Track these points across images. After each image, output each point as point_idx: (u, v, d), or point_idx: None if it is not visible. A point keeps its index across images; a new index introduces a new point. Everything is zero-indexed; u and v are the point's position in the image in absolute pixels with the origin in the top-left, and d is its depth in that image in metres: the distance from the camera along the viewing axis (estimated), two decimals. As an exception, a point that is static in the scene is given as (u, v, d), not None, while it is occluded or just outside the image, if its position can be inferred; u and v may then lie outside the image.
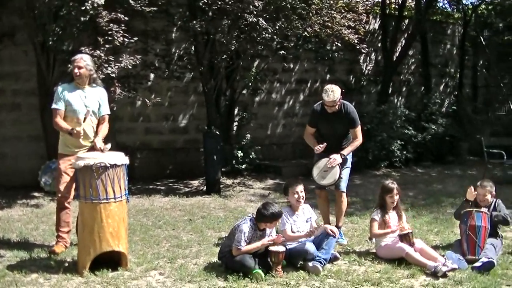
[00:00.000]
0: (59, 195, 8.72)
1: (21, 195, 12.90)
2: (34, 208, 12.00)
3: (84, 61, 8.70)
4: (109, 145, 8.46)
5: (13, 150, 14.35)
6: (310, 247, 8.15)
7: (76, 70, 8.61)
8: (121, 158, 7.82)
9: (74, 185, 8.60)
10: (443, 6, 23.17)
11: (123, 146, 8.38)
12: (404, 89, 21.88)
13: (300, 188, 8.61)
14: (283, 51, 15.09)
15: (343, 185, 9.65)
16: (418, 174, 17.68)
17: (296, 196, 8.58)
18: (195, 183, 15.28)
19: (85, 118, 8.58)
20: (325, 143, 9.43)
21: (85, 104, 8.61)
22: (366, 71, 20.76)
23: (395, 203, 8.96)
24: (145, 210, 11.90)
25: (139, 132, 15.95)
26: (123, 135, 8.53)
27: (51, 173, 13.34)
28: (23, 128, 14.43)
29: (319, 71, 19.41)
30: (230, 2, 13.15)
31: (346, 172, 9.62)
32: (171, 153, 16.32)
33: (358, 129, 9.68)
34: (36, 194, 13.14)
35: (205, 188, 14.27)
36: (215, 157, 14.02)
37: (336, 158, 9.33)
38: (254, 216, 8.16)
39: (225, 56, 14.05)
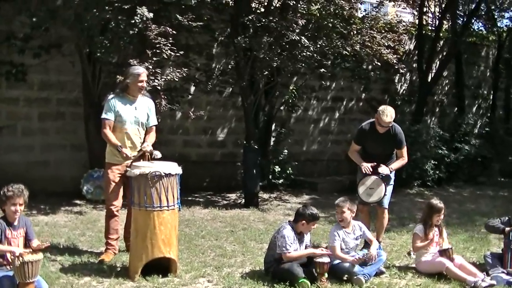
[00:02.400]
0: (108, 203, 8.92)
1: (64, 202, 13.11)
2: (78, 215, 12.24)
3: (146, 75, 8.95)
4: (159, 153, 8.67)
5: (56, 158, 14.59)
6: (355, 268, 8.34)
7: (144, 84, 8.86)
8: (175, 168, 8.05)
9: (122, 193, 8.87)
10: (479, 28, 23.25)
11: (162, 158, 8.57)
12: (437, 109, 21.98)
13: (343, 208, 8.71)
14: (322, 69, 15.22)
15: (386, 202, 9.83)
16: (450, 193, 17.75)
17: (338, 215, 8.75)
18: (233, 196, 15.46)
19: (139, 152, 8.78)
20: (375, 163, 9.59)
21: (135, 115, 8.81)
22: (401, 90, 20.91)
23: (440, 221, 9.11)
24: (187, 220, 12.08)
25: (178, 145, 16.22)
26: (162, 147, 8.73)
27: (93, 181, 13.59)
28: (66, 136, 14.68)
29: (355, 89, 19.58)
30: (274, 20, 13.36)
31: (389, 190, 9.78)
32: (209, 166, 16.54)
33: (405, 150, 9.89)
34: (78, 201, 13.37)
35: (243, 201, 14.46)
36: (254, 171, 14.23)
37: (384, 169, 9.51)
38: (291, 221, 8.38)
39: (266, 72, 14.21)
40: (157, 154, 8.63)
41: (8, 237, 6.99)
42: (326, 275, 8.09)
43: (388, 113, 9.44)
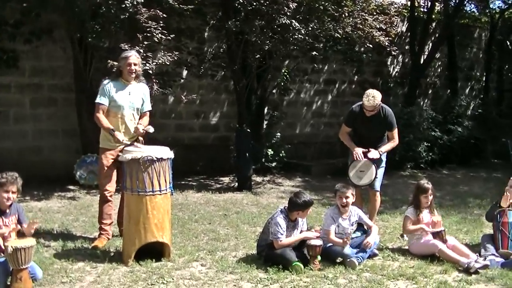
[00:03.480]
0: (102, 188, 8.91)
1: (57, 187, 13.12)
2: (72, 200, 12.24)
3: (137, 58, 8.89)
4: (151, 128, 8.72)
5: (49, 144, 14.63)
6: (348, 250, 8.33)
7: (132, 67, 8.74)
8: (167, 152, 8.03)
9: (115, 178, 8.88)
10: (471, 10, 23.26)
11: (154, 142, 8.60)
12: (430, 91, 22.07)
13: (347, 193, 8.69)
14: (314, 52, 15.20)
15: (378, 185, 9.84)
16: (443, 175, 17.83)
17: (342, 200, 8.70)
18: (226, 179, 15.50)
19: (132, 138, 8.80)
20: (366, 149, 9.61)
21: (130, 100, 8.78)
22: (394, 73, 20.93)
23: (429, 202, 9.13)
24: (180, 204, 12.10)
25: (170, 129, 16.26)
26: (155, 131, 8.75)
27: (86, 167, 13.59)
28: (59, 122, 14.70)
29: (347, 72, 19.62)
30: (265, 3, 13.32)
31: (380, 172, 9.79)
32: (202, 150, 16.56)
33: (395, 132, 9.87)
34: (71, 187, 13.36)
35: (236, 185, 14.48)
36: (247, 155, 14.25)
37: (374, 153, 9.52)
38: (286, 207, 8.36)
39: (258, 55, 14.21)
40: (150, 128, 8.67)
41: (0, 225, 7.00)
42: (319, 257, 8.09)
43: (371, 97, 9.40)
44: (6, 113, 14.22)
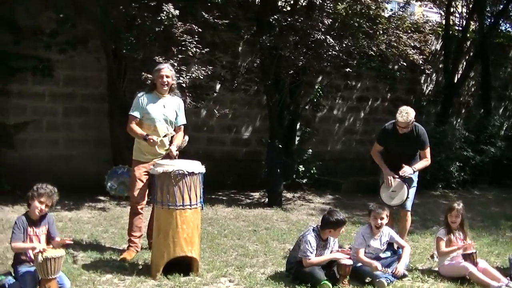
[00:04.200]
0: (133, 200, 8.93)
1: (87, 197, 13.13)
2: (102, 211, 12.30)
3: (170, 70, 8.92)
4: (186, 138, 8.92)
5: (80, 153, 14.66)
6: (378, 271, 8.28)
7: (164, 79, 8.77)
8: (198, 167, 8.04)
9: (147, 191, 8.89)
10: (506, 29, 23.09)
11: (186, 155, 8.63)
12: (463, 110, 21.87)
13: (382, 214, 8.67)
14: (347, 69, 15.16)
15: (409, 205, 9.76)
16: (475, 196, 17.66)
17: (377, 221, 8.66)
18: (256, 195, 15.44)
19: (166, 136, 8.83)
20: (397, 176, 9.56)
21: (164, 113, 8.80)
22: (427, 91, 20.83)
23: (456, 223, 9.03)
24: (210, 219, 12.06)
25: (202, 142, 16.25)
26: (186, 144, 8.78)
27: (117, 178, 13.55)
28: (90, 132, 14.76)
29: (380, 89, 19.52)
30: (299, 19, 13.33)
31: (412, 192, 9.72)
32: (233, 164, 16.53)
33: (428, 151, 9.81)
34: (101, 197, 13.37)
35: (266, 200, 14.44)
36: (278, 170, 14.21)
37: (408, 170, 9.46)
38: (318, 226, 8.31)
39: (291, 71, 14.19)
40: (185, 141, 8.96)
41: (30, 235, 7.02)
42: (348, 277, 8.06)
43: (404, 113, 9.37)
44: (39, 121, 14.29)
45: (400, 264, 8.45)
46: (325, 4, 13.81)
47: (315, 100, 16.95)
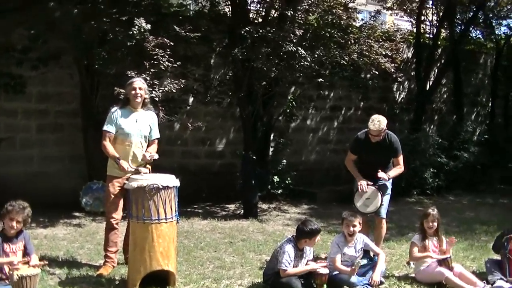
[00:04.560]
0: (108, 216, 8.90)
1: (63, 214, 13.07)
2: (77, 228, 12.23)
3: (143, 83, 8.94)
4: (156, 155, 8.79)
5: (54, 170, 14.53)
6: (354, 278, 8.34)
7: (137, 91, 8.79)
8: (173, 180, 8.05)
9: (122, 206, 8.88)
10: (476, 36, 23.32)
11: (160, 169, 8.65)
12: (436, 117, 22.03)
13: (354, 222, 8.71)
14: (320, 79, 15.22)
15: (383, 212, 9.83)
16: (450, 201, 17.74)
17: (349, 228, 8.70)
18: (232, 206, 15.45)
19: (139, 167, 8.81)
20: (368, 187, 9.61)
21: (138, 128, 8.82)
22: (399, 99, 20.95)
23: (432, 229, 9.10)
24: (186, 232, 12.04)
25: (176, 155, 16.20)
26: (160, 158, 8.77)
27: (92, 193, 13.55)
28: (65, 148, 14.66)
29: (353, 98, 19.60)
30: (271, 31, 13.38)
31: (386, 199, 9.80)
32: (208, 176, 16.48)
33: (401, 158, 9.91)
34: (77, 213, 13.32)
35: (242, 212, 14.44)
36: (252, 182, 14.23)
37: (383, 175, 9.54)
38: (294, 236, 8.35)
39: (264, 82, 14.22)
40: (155, 155, 8.82)
41: (6, 251, 7.02)
42: (325, 286, 8.10)
43: (376, 122, 9.47)
44: (13, 139, 14.20)
45: (375, 273, 8.48)
46: (297, 15, 13.86)
47: (288, 110, 16.99)
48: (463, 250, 11.06)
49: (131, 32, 11.86)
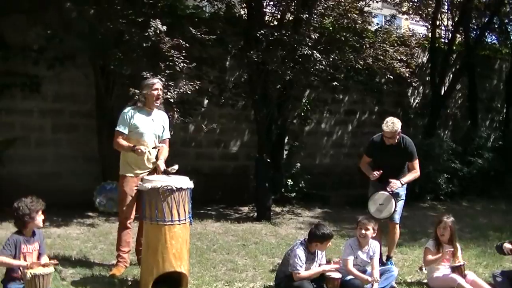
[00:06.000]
0: (122, 216, 8.93)
1: (76, 214, 13.13)
2: (91, 227, 12.26)
3: (161, 85, 9.00)
4: (176, 166, 8.71)
5: (68, 170, 14.59)
6: (367, 286, 8.32)
7: (159, 92, 8.87)
8: (187, 182, 8.05)
9: (135, 206, 8.89)
10: (492, 42, 23.26)
11: (175, 171, 8.68)
12: (450, 122, 21.98)
13: (368, 225, 8.66)
14: (335, 83, 15.22)
15: (397, 217, 9.80)
16: (463, 207, 17.69)
17: (361, 231, 8.67)
18: (245, 209, 15.47)
19: (154, 148, 8.84)
20: (381, 171, 9.58)
21: (152, 127, 8.86)
22: (414, 104, 20.92)
23: (444, 236, 9.05)
24: (199, 234, 12.06)
25: (190, 157, 16.22)
26: (175, 160, 8.77)
27: (105, 194, 13.60)
28: (79, 148, 14.70)
29: (368, 102, 19.60)
30: (286, 34, 13.39)
31: (400, 204, 9.75)
32: (221, 179, 16.53)
33: (416, 162, 9.85)
34: (90, 213, 13.38)
35: (255, 215, 14.43)
36: (266, 185, 14.24)
37: (396, 183, 9.49)
38: (305, 239, 8.33)
39: (278, 85, 14.22)
40: (175, 168, 8.69)
41: (23, 252, 7.00)
42: (337, 290, 8.09)
43: (390, 123, 9.45)
44: (27, 138, 14.27)
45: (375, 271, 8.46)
46: (312, 18, 13.89)
47: (302, 114, 17.04)
48: (475, 257, 11.01)
49: (146, 33, 11.93)
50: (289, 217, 14.84)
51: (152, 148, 8.83)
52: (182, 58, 12.43)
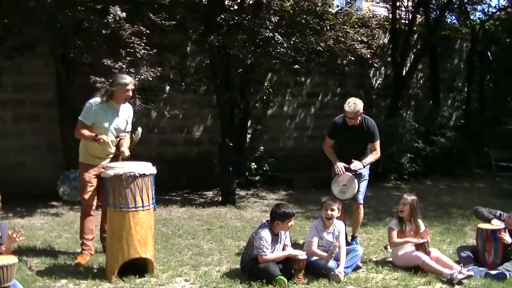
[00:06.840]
0: (84, 203, 8.88)
1: (40, 204, 13.05)
2: (55, 217, 12.22)
3: (132, 84, 8.96)
4: (140, 129, 8.97)
5: (31, 160, 14.50)
6: (332, 263, 8.34)
7: (129, 93, 8.86)
8: (149, 168, 8.05)
9: (96, 193, 8.86)
10: (452, 22, 23.41)
11: (138, 157, 8.63)
12: (413, 103, 22.12)
13: (333, 206, 8.70)
14: (296, 65, 15.25)
15: (361, 198, 9.84)
16: (427, 186, 17.89)
17: (327, 212, 8.69)
18: (210, 194, 15.45)
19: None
20: (348, 165, 9.60)
21: (116, 123, 8.82)
22: (376, 85, 21.02)
23: (404, 212, 9.11)
24: (164, 219, 12.06)
25: (154, 144, 16.19)
26: (138, 146, 8.77)
27: (69, 183, 13.46)
28: (41, 138, 14.61)
29: (330, 85, 19.63)
30: (247, 18, 13.38)
31: (363, 185, 9.81)
32: (185, 164, 16.52)
33: (378, 143, 9.90)
34: (54, 203, 13.25)
35: (220, 199, 14.46)
36: (230, 169, 14.26)
37: (358, 164, 9.54)
38: (268, 221, 8.36)
39: (240, 69, 14.22)
40: (138, 131, 8.98)
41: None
42: (303, 271, 8.11)
43: (352, 103, 9.47)
44: (-12, 130, 14.14)
45: (340, 268, 8.43)
46: (272, 2, 13.88)
47: (265, 97, 17.06)
48: (439, 234, 11.14)
49: (106, 21, 11.80)
50: (254, 201, 14.89)
51: (113, 153, 8.82)
52: (143, 44, 12.34)
